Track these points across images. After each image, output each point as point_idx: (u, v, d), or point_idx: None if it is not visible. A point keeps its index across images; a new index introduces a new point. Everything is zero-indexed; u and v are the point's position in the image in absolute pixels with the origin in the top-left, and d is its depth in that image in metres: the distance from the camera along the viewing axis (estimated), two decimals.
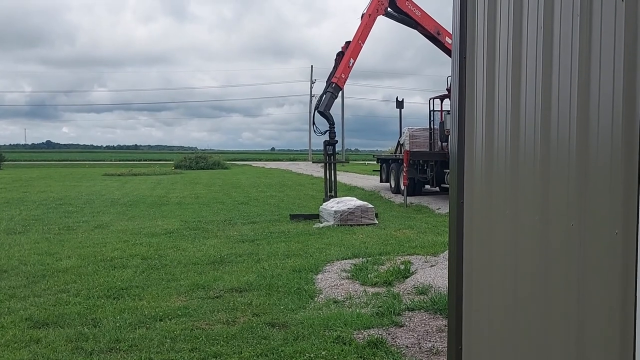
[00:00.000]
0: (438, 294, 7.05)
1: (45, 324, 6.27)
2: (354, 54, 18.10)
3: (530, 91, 2.88)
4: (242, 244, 11.35)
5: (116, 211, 17.49)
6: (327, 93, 17.50)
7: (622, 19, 2.14)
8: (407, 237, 12.22)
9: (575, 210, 2.45)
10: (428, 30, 19.82)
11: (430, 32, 19.85)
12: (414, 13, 19.42)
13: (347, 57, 17.85)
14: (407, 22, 19.74)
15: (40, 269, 9.03)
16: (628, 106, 2.09)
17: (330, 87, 17.58)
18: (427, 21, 19.79)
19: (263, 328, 6.07)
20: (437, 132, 22.41)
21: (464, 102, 3.77)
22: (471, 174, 3.68)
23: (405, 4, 19.23)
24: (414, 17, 19.47)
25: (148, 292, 7.59)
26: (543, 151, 2.74)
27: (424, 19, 19.70)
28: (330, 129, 17.32)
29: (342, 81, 17.78)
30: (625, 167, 2.10)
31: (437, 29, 19.86)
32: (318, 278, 8.36)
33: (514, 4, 3.06)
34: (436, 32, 19.84)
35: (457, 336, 3.90)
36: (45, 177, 38.27)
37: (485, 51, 3.44)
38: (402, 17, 19.55)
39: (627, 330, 2.09)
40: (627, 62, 2.10)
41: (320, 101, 17.58)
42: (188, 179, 36.09)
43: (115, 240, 11.82)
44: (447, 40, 19.74)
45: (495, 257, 3.30)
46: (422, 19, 19.63)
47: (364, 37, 18.38)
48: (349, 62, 17.85)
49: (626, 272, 2.10)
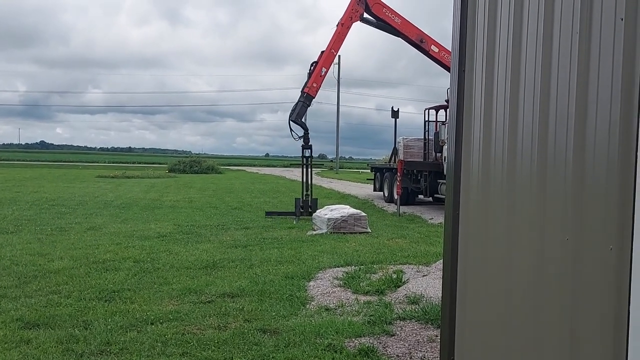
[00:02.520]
0: (430, 304, 7.06)
1: (36, 325, 6.24)
2: (326, 63, 18.48)
3: (527, 106, 2.91)
4: (235, 249, 11.33)
5: (109, 213, 17.44)
6: (299, 102, 17.98)
7: (620, 38, 2.17)
8: (399, 246, 12.23)
9: (571, 225, 2.48)
10: (410, 38, 19.77)
11: (413, 40, 19.82)
12: (392, 20, 19.35)
13: (320, 67, 18.20)
14: (387, 29, 19.65)
15: (32, 269, 8.99)
16: (625, 124, 2.12)
17: (302, 97, 18.04)
18: (409, 29, 19.67)
19: (254, 334, 6.07)
20: (432, 142, 22.50)
21: (461, 115, 3.80)
22: (467, 187, 3.71)
23: (382, 11, 19.13)
24: (393, 24, 19.38)
25: (140, 295, 7.57)
26: (540, 166, 2.77)
27: (405, 26, 19.59)
28: (305, 135, 17.98)
29: (314, 90, 18.19)
30: (621, 183, 2.13)
31: (420, 36, 19.75)
32: (310, 285, 8.36)
33: (514, 20, 3.09)
34: (419, 39, 19.73)
35: (450, 347, 3.92)
36: (38, 178, 38.13)
37: (484, 65, 3.47)
38: (381, 24, 19.50)
39: (620, 345, 2.11)
40: (625, 82, 2.13)
41: (294, 111, 18.00)
42: (182, 183, 36.04)
43: (108, 243, 11.78)
44: (433, 48, 19.77)
45: (489, 269, 3.32)
46: (403, 26, 19.53)
47: (336, 46, 18.69)
48: (320, 72, 18.22)
49: (620, 287, 2.12)
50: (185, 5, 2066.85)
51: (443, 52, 19.65)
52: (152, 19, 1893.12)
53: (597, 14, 2.34)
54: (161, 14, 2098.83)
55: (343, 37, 18.78)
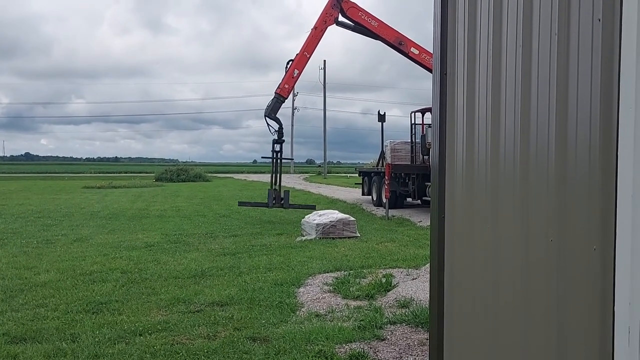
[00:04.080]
0: (420, 307, 7.06)
1: (23, 339, 6.17)
2: (298, 66, 19.02)
3: (509, 108, 2.92)
4: (224, 257, 11.29)
5: (96, 224, 17.32)
6: (273, 100, 18.94)
7: (598, 38, 2.18)
8: (389, 250, 12.24)
9: (555, 226, 2.48)
10: (388, 40, 19.90)
11: (392, 43, 19.96)
12: (369, 23, 19.51)
13: (292, 68, 18.82)
14: (364, 32, 19.86)
15: (18, 283, 8.91)
16: (605, 124, 2.13)
17: (275, 96, 18.90)
18: (386, 31, 19.78)
19: (244, 342, 6.03)
20: (419, 145, 22.56)
21: (444, 119, 3.81)
22: (452, 190, 3.72)
23: (358, 14, 19.30)
24: (370, 28, 19.54)
25: (128, 306, 7.51)
26: (522, 167, 2.77)
27: (382, 29, 19.71)
28: (279, 130, 18.84)
29: (286, 91, 18.91)
30: (603, 184, 2.14)
31: (398, 39, 19.88)
32: (300, 291, 8.34)
33: (494, 23, 3.10)
34: (397, 42, 19.87)
35: (439, 350, 3.91)
36: (23, 190, 37.83)
37: (466, 68, 3.48)
38: (357, 27, 19.69)
39: (606, 346, 2.11)
40: (604, 84, 2.14)
41: (269, 107, 18.93)
42: (169, 192, 35.89)
43: (95, 254, 11.69)
44: (413, 50, 19.88)
45: (476, 272, 3.33)
46: (380, 29, 19.66)
47: (309, 49, 19.13)
48: (293, 73, 18.83)
49: (604, 287, 2.13)
50: (167, 14, 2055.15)
51: (424, 53, 19.79)
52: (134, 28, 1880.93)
53: (574, 16, 2.35)
54: (143, 23, 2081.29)
55: (316, 41, 19.22)
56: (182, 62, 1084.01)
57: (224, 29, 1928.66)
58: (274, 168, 19.11)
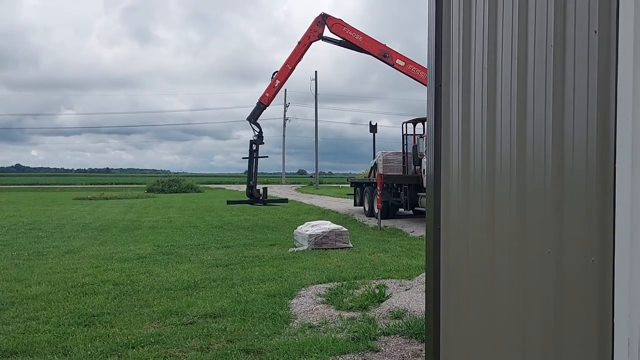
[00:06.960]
0: (413, 318, 7.04)
1: (14, 353, 6.10)
2: (280, 77, 20.44)
3: (505, 119, 2.92)
4: (216, 269, 11.23)
5: (87, 236, 17.22)
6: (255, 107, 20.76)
7: (595, 50, 2.19)
8: (381, 260, 12.21)
9: (552, 237, 2.48)
10: (373, 53, 20.41)
11: (377, 56, 20.41)
12: (353, 38, 20.29)
13: (275, 79, 20.29)
14: (349, 46, 20.78)
15: (9, 295, 8.82)
16: (603, 137, 2.13)
17: (257, 103, 20.74)
18: (371, 45, 20.41)
19: (238, 355, 5.99)
20: (411, 155, 22.61)
21: (439, 129, 3.81)
22: (447, 201, 3.71)
23: (343, 30, 20.28)
24: (355, 42, 20.35)
25: (120, 318, 7.45)
26: (519, 178, 2.77)
27: (367, 43, 20.39)
28: (259, 133, 20.96)
29: (266, 99, 20.67)
30: (601, 195, 2.14)
31: (383, 51, 20.47)
32: (293, 303, 8.29)
33: (489, 34, 3.11)
34: (382, 54, 20.41)
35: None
36: (14, 202, 37.59)
37: (461, 79, 3.48)
38: (343, 42, 20.50)
39: (606, 359, 2.10)
40: (600, 95, 2.14)
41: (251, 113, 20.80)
42: (161, 203, 35.75)
43: (87, 266, 11.60)
44: (398, 62, 20.44)
45: (472, 283, 3.31)
46: (364, 43, 20.37)
47: (292, 62, 20.39)
48: (274, 83, 20.41)
49: (603, 299, 2.12)
50: (156, 25, 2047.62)
51: (409, 64, 20.23)
52: (123, 39, 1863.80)
53: (570, 27, 2.36)
54: (131, 34, 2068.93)
55: (299, 55, 20.41)
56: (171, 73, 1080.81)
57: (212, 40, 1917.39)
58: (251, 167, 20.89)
